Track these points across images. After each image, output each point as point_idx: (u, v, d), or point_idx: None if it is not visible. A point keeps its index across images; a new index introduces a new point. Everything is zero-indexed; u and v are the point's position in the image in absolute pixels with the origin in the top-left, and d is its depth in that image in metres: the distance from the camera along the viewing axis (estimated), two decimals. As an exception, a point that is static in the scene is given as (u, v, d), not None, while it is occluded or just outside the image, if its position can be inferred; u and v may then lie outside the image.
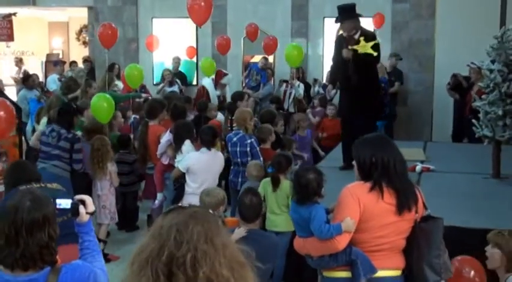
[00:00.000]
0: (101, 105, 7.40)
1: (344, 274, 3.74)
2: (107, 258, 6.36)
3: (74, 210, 3.15)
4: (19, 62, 15.91)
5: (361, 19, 7.59)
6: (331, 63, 8.36)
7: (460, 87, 11.39)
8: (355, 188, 3.68)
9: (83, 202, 3.17)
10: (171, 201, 7.16)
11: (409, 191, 3.65)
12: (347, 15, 7.49)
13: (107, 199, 7.16)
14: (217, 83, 11.89)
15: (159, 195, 7.55)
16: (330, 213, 3.84)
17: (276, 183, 6.02)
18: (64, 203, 3.11)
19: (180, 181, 6.93)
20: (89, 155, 7.15)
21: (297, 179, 4.07)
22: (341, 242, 3.62)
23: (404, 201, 3.60)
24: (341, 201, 3.68)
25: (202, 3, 8.46)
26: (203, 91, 11.65)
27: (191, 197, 6.43)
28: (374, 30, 10.82)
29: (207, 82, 11.89)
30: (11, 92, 11.46)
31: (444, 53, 12.73)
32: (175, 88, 12.38)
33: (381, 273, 3.67)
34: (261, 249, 4.33)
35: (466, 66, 11.06)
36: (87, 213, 3.18)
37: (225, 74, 12.16)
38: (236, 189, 7.21)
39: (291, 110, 11.82)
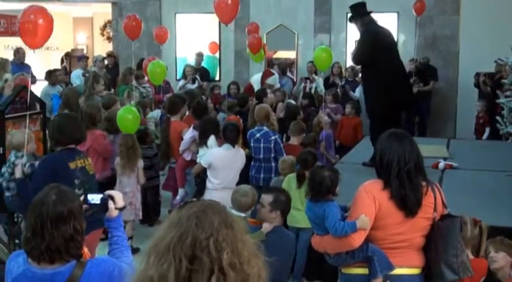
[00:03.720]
0: (126, 117, 7.41)
1: (361, 271, 3.75)
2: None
3: (104, 206, 3.22)
4: (66, 56, 15.87)
5: (372, 15, 7.74)
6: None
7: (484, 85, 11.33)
8: (370, 185, 3.70)
9: (112, 198, 3.23)
10: (193, 197, 7.20)
11: (414, 196, 3.62)
12: (352, 14, 7.84)
13: (133, 196, 7.18)
14: (263, 83, 11.82)
15: (181, 191, 7.58)
16: (348, 211, 3.85)
17: (301, 180, 6.03)
18: (95, 198, 3.21)
19: (201, 176, 6.97)
20: (119, 153, 7.16)
21: (311, 176, 4.10)
22: (356, 240, 3.64)
23: (408, 206, 3.61)
24: (357, 199, 3.71)
25: (229, 2, 8.46)
26: (250, 88, 11.54)
27: (212, 193, 6.48)
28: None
29: (255, 80, 11.84)
30: (40, 87, 11.52)
31: (468, 49, 12.64)
32: (196, 84, 12.38)
33: (398, 271, 3.68)
34: (284, 246, 4.39)
35: (490, 63, 10.98)
36: (116, 208, 3.24)
37: (272, 74, 12.11)
38: (258, 185, 7.23)
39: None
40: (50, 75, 11.18)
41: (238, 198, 5.07)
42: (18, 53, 12.08)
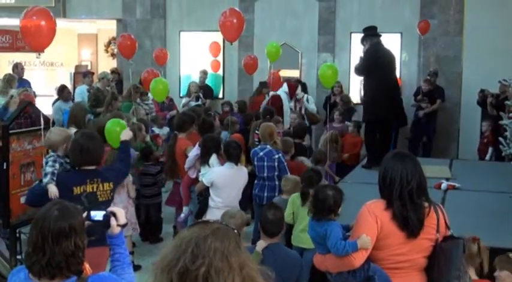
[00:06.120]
0: (114, 129, 7.42)
1: None
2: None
3: (106, 222, 3.23)
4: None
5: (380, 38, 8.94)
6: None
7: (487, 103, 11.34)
8: (372, 205, 3.70)
9: (114, 214, 3.24)
10: (195, 215, 7.19)
11: (416, 217, 3.62)
12: (364, 33, 8.99)
13: (127, 211, 7.17)
14: (292, 95, 11.87)
15: (185, 209, 7.55)
16: (351, 230, 3.86)
17: (305, 198, 6.00)
18: (97, 215, 3.22)
19: (203, 195, 6.97)
20: None
21: (315, 193, 4.11)
22: (357, 259, 3.65)
23: (409, 227, 3.61)
24: (359, 219, 3.71)
25: (235, 20, 8.53)
26: (278, 100, 11.54)
27: (215, 211, 6.46)
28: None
29: (282, 92, 11.82)
30: (44, 103, 11.55)
31: (472, 69, 12.68)
32: (200, 102, 12.45)
33: (399, 291, 3.66)
34: (281, 264, 4.36)
35: (493, 83, 11.01)
36: (118, 225, 3.24)
37: (297, 85, 12.17)
38: (261, 203, 7.22)
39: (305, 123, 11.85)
40: (63, 91, 11.24)
41: (226, 220, 5.09)
42: (17, 68, 12.15)
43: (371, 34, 8.86)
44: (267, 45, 11.11)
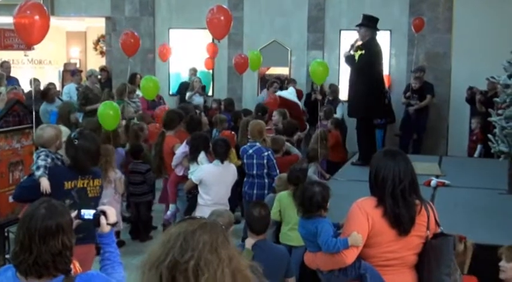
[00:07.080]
0: (107, 113, 7.41)
1: None
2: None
3: (96, 221, 3.20)
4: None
5: (377, 32, 8.87)
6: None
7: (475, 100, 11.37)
8: (363, 202, 3.69)
9: (104, 213, 3.22)
10: (184, 212, 7.19)
11: (408, 214, 3.62)
12: (365, 22, 8.75)
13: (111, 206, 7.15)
14: (300, 98, 11.94)
15: (172, 207, 7.57)
16: (341, 228, 3.85)
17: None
18: (88, 214, 3.21)
19: (192, 192, 6.96)
20: None
21: (302, 191, 4.10)
22: (348, 256, 3.63)
23: (401, 225, 3.60)
24: (350, 216, 3.70)
25: (222, 17, 8.50)
26: (296, 106, 11.49)
27: (204, 209, 6.46)
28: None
29: (291, 95, 11.79)
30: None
31: (461, 66, 12.72)
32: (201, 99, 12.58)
33: (390, 289, 3.66)
34: (268, 260, 4.37)
35: (481, 81, 11.05)
36: (108, 224, 3.22)
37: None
38: (251, 201, 7.21)
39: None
40: (47, 93, 11.15)
41: (214, 219, 5.09)
42: (2, 66, 12.10)
43: (372, 27, 8.76)
44: (249, 53, 11.12)
